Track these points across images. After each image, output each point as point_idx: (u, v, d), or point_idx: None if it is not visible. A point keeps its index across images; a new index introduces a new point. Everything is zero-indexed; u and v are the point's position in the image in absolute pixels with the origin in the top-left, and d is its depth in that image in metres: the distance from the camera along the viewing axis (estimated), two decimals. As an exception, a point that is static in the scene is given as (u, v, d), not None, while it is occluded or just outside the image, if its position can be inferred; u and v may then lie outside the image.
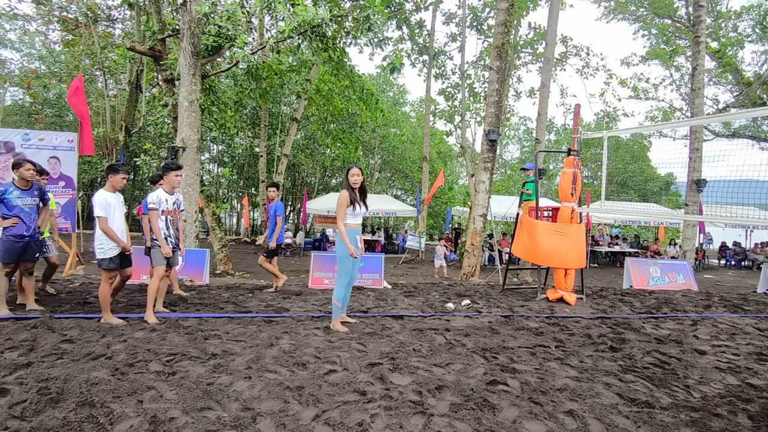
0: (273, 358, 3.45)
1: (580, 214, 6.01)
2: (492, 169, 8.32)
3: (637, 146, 36.09)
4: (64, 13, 12.90)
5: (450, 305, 5.42)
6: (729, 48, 22.09)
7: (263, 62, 13.26)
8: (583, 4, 50.62)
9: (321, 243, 19.24)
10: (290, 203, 31.97)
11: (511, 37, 11.21)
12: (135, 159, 9.88)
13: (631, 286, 7.80)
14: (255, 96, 14.85)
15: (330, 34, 8.80)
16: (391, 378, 3.15)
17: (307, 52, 13.69)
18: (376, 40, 8.44)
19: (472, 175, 16.64)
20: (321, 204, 19.67)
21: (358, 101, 16.51)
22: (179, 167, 4.71)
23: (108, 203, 4.25)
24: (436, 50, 16.68)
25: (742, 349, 4.15)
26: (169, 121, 10.33)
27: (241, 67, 16.90)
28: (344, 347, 3.77)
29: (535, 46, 16.31)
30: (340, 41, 8.96)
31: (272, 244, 6.35)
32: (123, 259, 4.42)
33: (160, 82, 10.56)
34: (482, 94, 16.99)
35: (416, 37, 16.58)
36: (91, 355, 3.39)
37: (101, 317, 4.34)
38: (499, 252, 15.88)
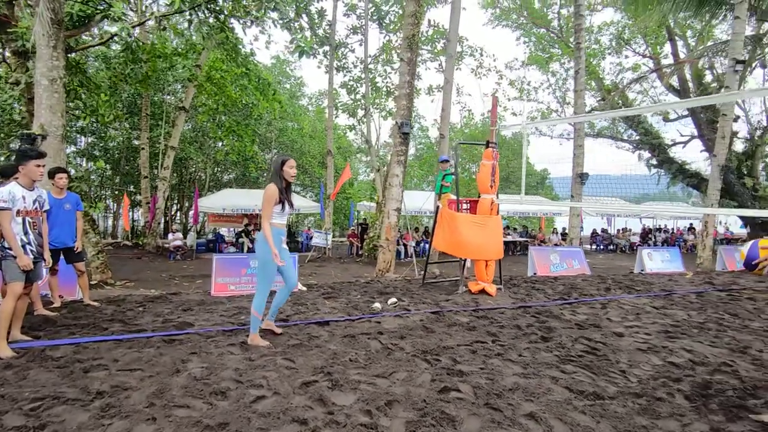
0: (182, 389, 2.80)
1: (498, 205, 6.09)
2: (405, 162, 8.20)
3: (517, 145, 39.38)
4: None
5: (377, 305, 5.10)
6: (593, 58, 24.99)
7: (143, 43, 11.65)
8: (474, 9, 53.91)
9: (216, 244, 17.74)
10: (177, 201, 29.22)
11: (421, 28, 11.28)
12: (-26, 150, 7.95)
13: (535, 273, 8.25)
14: (133, 81, 13.03)
15: (227, 12, 7.92)
16: (332, 398, 2.71)
17: (196, 34, 12.36)
18: (281, 21, 7.78)
19: (378, 170, 16.59)
20: (215, 201, 18.15)
21: (255, 91, 15.45)
22: (41, 155, 3.71)
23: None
24: (337, 42, 16.25)
25: (651, 328, 4.45)
26: (23, 104, 8.52)
27: (114, 48, 14.75)
28: (269, 365, 3.23)
29: (434, 44, 16.73)
30: (239, 21, 8.10)
31: (78, 245, 5.28)
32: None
33: (7, 55, 8.66)
34: (384, 89, 17.00)
35: (316, 27, 15.97)
36: None
37: (-74, 356, 3.23)
38: (405, 246, 16.07)
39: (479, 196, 6.13)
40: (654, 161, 25.14)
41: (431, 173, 32.87)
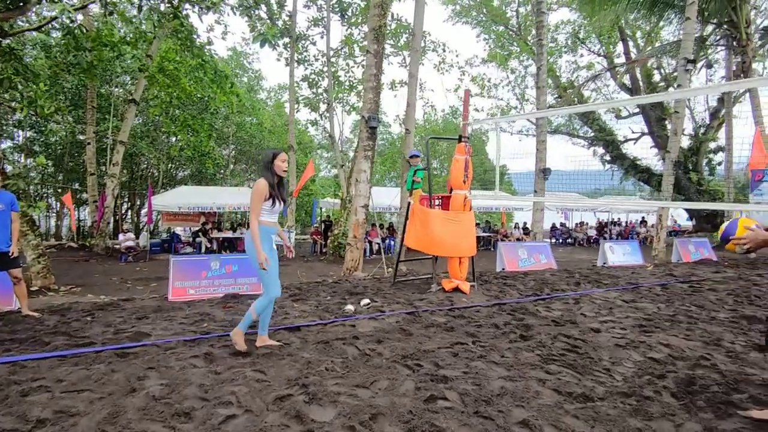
0: (139, 411, 2.48)
1: (471, 201, 5.98)
2: (372, 158, 7.98)
3: (476, 141, 39.96)
4: None
5: (349, 307, 4.87)
6: (550, 56, 25.61)
7: (87, 30, 10.78)
8: (435, 4, 54.12)
9: (171, 244, 16.87)
10: (128, 199, 27.69)
11: (388, 20, 11.09)
12: None
13: (504, 269, 8.26)
14: (76, 71, 12.08)
15: (181, -4, 7.39)
16: (310, 413, 2.48)
17: (147, 21, 11.58)
18: (240, 8, 7.32)
19: (341, 166, 16.27)
20: (169, 199, 17.28)
21: (211, 83, 14.72)
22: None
23: None
24: (298, 34, 15.76)
25: (626, 323, 4.46)
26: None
27: (55, 36, 13.61)
28: (238, 378, 2.95)
29: (398, 38, 16.55)
30: (194, 8, 7.57)
31: (13, 249, 4.71)
32: None
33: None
34: (347, 83, 16.67)
35: (276, 19, 15.41)
36: None
37: None
38: (370, 243, 15.86)
39: (450, 192, 6.01)
40: (608, 157, 26.15)
41: (394, 169, 32.80)
